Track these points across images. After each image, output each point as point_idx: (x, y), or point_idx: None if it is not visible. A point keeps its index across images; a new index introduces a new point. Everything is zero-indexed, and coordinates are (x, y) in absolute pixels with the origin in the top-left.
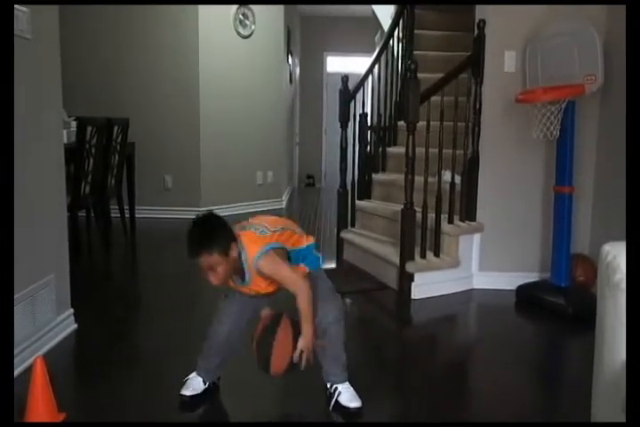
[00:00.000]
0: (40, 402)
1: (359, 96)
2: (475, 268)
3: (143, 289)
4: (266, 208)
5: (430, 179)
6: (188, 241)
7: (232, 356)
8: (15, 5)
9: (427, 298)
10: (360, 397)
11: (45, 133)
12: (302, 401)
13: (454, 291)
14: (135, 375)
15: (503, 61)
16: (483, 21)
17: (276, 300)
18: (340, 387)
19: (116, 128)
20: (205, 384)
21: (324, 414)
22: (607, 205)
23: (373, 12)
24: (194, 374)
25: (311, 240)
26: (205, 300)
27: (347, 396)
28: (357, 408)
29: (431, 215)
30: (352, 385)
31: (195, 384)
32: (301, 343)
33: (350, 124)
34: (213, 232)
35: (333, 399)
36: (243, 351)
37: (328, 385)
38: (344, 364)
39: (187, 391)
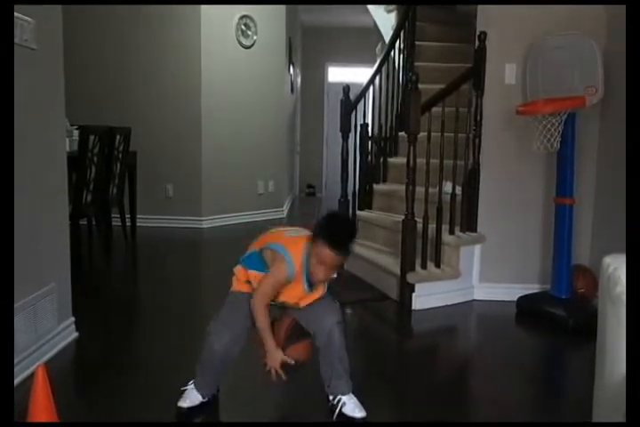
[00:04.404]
0: (41, 410)
1: (360, 106)
2: (475, 279)
3: (144, 298)
4: (267, 218)
5: (431, 189)
6: (338, 232)
7: (227, 370)
8: (20, 15)
9: (427, 309)
10: None
11: (48, 142)
12: (304, 410)
13: (455, 302)
14: (135, 385)
15: (504, 73)
16: (484, 33)
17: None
18: (344, 398)
19: (118, 137)
20: (204, 398)
21: (327, 422)
22: (608, 217)
23: (375, 24)
24: (191, 385)
25: None
26: (206, 309)
27: (351, 406)
28: (363, 418)
29: (432, 226)
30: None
31: (192, 396)
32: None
33: (351, 134)
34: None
35: (337, 410)
36: (242, 362)
37: (331, 397)
38: (348, 372)
39: (184, 403)
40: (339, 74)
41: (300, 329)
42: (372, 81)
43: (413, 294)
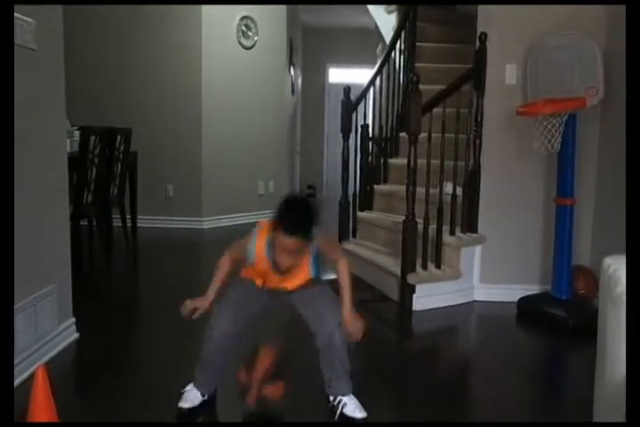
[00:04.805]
0: (41, 410)
1: (361, 107)
2: (476, 280)
3: (145, 298)
4: (267, 218)
5: (432, 190)
6: (292, 217)
7: (228, 366)
8: (21, 16)
9: (428, 310)
10: None
11: (49, 142)
12: (304, 410)
13: (455, 303)
14: (135, 385)
15: (504, 74)
16: (484, 34)
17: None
18: (345, 399)
19: (118, 138)
20: (204, 397)
21: (327, 422)
22: (608, 217)
23: (375, 25)
24: (191, 385)
25: None
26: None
27: (352, 407)
28: (363, 419)
29: (432, 227)
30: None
31: (192, 397)
32: (351, 319)
33: (352, 135)
34: (315, 219)
35: (338, 411)
36: (240, 359)
37: (331, 398)
38: (348, 373)
39: (184, 404)
40: (339, 75)
41: (276, 367)
42: (372, 82)
43: (414, 295)
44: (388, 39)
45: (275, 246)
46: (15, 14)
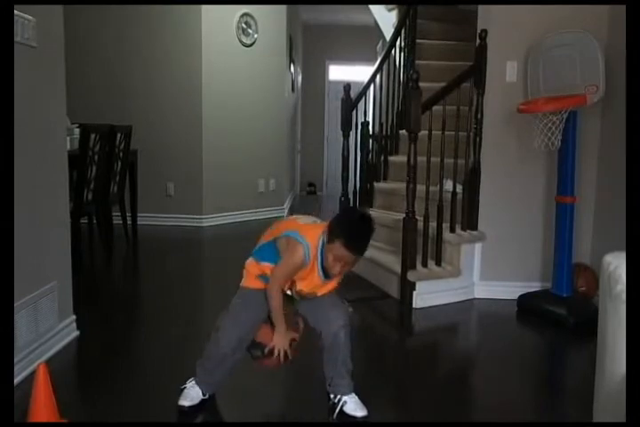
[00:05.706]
0: (42, 408)
1: (361, 105)
2: (476, 277)
3: (145, 296)
4: (268, 216)
5: (432, 188)
6: (361, 240)
7: (233, 372)
8: (21, 13)
9: (428, 307)
10: None
11: (49, 140)
12: (304, 410)
13: (455, 300)
14: (136, 383)
15: (505, 71)
16: (484, 31)
17: None
18: (345, 397)
19: (119, 135)
20: (205, 395)
21: (327, 421)
22: (609, 215)
23: (375, 22)
24: (192, 382)
25: None
26: (207, 307)
27: (352, 405)
28: (364, 417)
29: (433, 224)
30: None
31: (193, 394)
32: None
33: (352, 132)
34: None
35: (337, 409)
36: (243, 362)
37: (332, 396)
38: (350, 373)
39: (185, 402)
40: (339, 72)
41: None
42: (372, 79)
43: (414, 293)
44: (388, 36)
45: (328, 254)
46: (15, 12)
